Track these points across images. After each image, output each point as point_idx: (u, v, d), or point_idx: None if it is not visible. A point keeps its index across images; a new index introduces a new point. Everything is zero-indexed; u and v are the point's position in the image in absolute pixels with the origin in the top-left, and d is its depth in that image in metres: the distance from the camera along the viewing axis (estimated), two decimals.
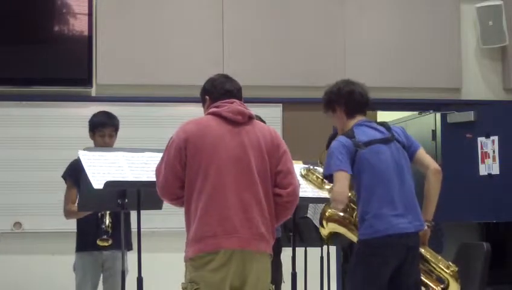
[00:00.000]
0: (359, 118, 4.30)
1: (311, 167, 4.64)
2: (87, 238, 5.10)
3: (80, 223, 5.22)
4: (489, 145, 7.40)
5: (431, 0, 7.57)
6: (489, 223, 7.65)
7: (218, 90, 3.80)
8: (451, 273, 4.23)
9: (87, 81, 6.86)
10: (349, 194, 4.15)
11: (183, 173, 3.61)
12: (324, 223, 4.46)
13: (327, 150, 4.43)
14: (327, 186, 4.43)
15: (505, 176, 7.30)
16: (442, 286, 4.25)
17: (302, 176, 4.62)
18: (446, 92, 7.60)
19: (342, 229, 4.42)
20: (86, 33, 6.88)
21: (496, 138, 7.37)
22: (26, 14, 6.85)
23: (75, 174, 5.15)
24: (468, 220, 7.49)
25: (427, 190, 4.27)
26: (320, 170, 4.61)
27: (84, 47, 6.85)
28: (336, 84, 4.38)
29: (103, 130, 5.23)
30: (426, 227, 4.24)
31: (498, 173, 7.34)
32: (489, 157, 7.39)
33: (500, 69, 7.70)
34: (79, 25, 6.90)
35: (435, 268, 4.28)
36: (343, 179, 4.06)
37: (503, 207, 7.28)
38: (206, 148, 3.60)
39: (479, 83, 7.68)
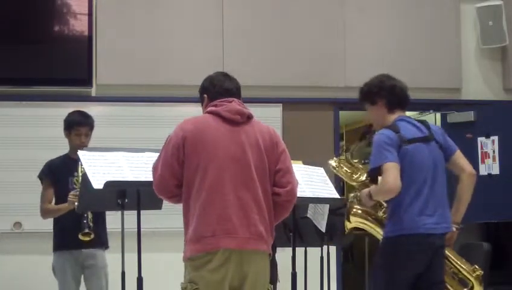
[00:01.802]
0: (399, 114, 4.29)
1: (341, 158, 4.67)
2: (67, 237, 5.13)
3: (58, 222, 5.26)
4: (489, 145, 7.39)
5: (431, 1, 7.56)
6: (489, 223, 7.64)
7: (216, 89, 3.76)
8: (476, 276, 4.23)
9: (87, 81, 6.86)
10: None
11: (181, 171, 3.59)
12: (351, 217, 4.46)
13: (359, 143, 4.44)
14: (361, 178, 4.43)
15: (505, 176, 7.29)
16: (465, 289, 4.26)
17: (333, 167, 4.62)
18: (446, 92, 7.59)
19: (366, 226, 4.43)
20: (86, 33, 6.87)
21: (495, 138, 7.36)
22: (26, 14, 6.84)
23: (51, 174, 5.28)
24: (468, 220, 7.47)
25: (460, 193, 4.28)
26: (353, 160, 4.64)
27: (84, 47, 6.85)
28: (377, 77, 4.37)
29: (80, 129, 5.30)
30: (454, 229, 4.24)
31: (498, 173, 7.33)
32: (489, 157, 7.38)
33: (500, 69, 7.69)
34: (79, 25, 6.89)
35: (459, 271, 4.27)
36: (393, 169, 4.03)
37: (503, 207, 7.27)
38: (205, 146, 3.59)
39: (479, 83, 7.67)
